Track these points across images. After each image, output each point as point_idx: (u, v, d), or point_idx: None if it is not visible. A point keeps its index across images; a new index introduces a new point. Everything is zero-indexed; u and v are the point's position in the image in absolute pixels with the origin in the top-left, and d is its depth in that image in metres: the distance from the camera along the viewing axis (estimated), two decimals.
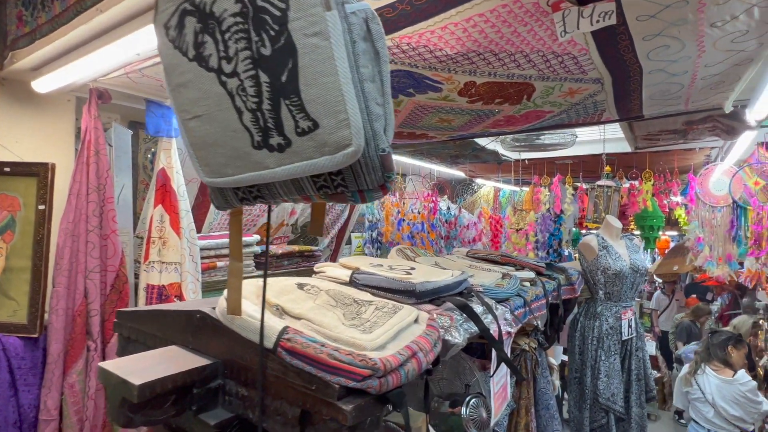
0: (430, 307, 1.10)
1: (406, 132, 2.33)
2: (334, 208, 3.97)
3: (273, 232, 3.49)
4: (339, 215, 4.06)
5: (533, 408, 2.36)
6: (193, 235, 2.35)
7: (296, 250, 3.14)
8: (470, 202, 5.95)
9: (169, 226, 2.29)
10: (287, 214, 3.47)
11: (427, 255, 1.82)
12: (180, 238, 2.28)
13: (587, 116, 2.09)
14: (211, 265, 2.52)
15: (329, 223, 4.00)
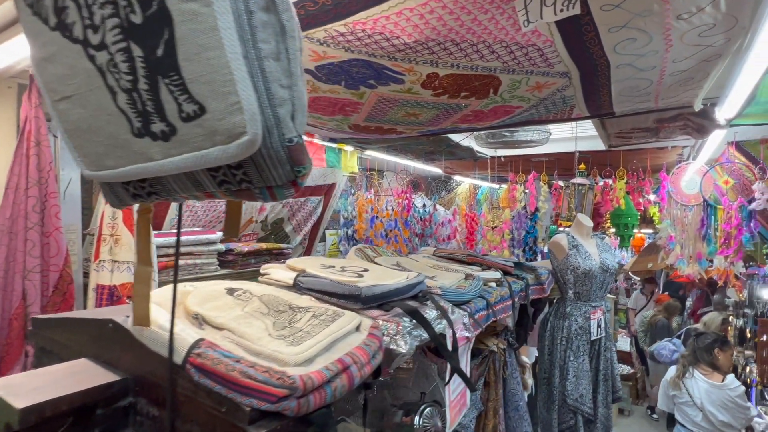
0: (377, 313, 1.02)
1: (373, 126, 2.24)
2: (306, 205, 3.87)
3: (241, 228, 3.37)
4: (312, 212, 3.96)
5: (502, 410, 2.32)
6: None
7: (264, 247, 3.03)
8: (448, 200, 5.91)
9: (122, 222, 2.17)
10: (256, 211, 3.35)
11: (390, 255, 1.74)
12: (134, 235, 2.16)
13: (557, 112, 2.04)
14: (169, 263, 2.40)
15: (302, 220, 3.90)
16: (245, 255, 2.94)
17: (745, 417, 2.79)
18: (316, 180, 3.78)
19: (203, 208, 2.92)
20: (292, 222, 3.82)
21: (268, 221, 3.57)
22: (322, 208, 4.00)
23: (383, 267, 1.34)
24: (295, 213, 3.80)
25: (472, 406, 2.18)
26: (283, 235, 3.80)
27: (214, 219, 3.06)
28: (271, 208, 3.49)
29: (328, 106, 1.93)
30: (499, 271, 1.85)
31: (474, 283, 1.51)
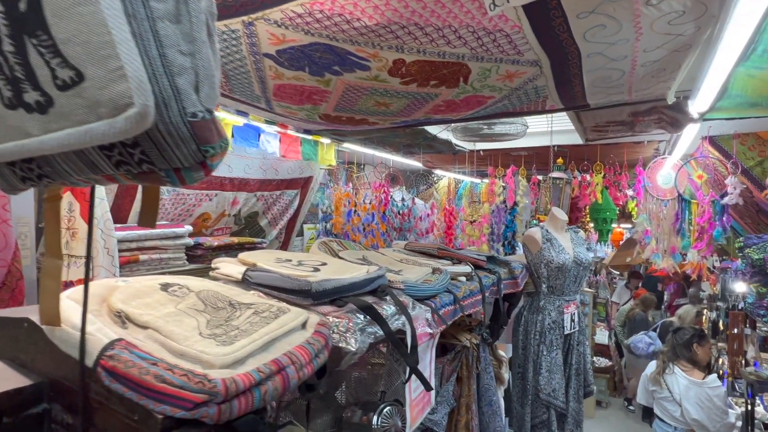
0: (329, 309, 0.96)
1: (344, 116, 2.18)
2: (282, 199, 3.78)
3: (213, 222, 3.28)
4: (288, 205, 3.87)
5: (475, 405, 2.29)
6: (109, 225, 2.13)
7: (236, 242, 2.94)
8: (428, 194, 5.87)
9: (79, 215, 2.06)
10: (228, 204, 3.26)
11: (357, 248, 1.69)
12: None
13: (531, 103, 2.00)
14: (133, 258, 2.31)
15: (277, 214, 3.81)
16: (215, 249, 2.85)
17: (721, 420, 2.77)
18: (292, 173, 3.69)
19: (171, 201, 2.82)
20: (267, 216, 3.74)
21: (241, 215, 3.48)
22: (298, 201, 3.92)
23: (344, 261, 1.29)
24: (270, 206, 3.72)
25: (444, 402, 2.15)
26: (258, 229, 3.71)
27: (183, 212, 2.96)
28: (245, 202, 3.40)
29: (295, 94, 1.86)
30: (469, 266, 1.81)
31: (441, 278, 1.47)
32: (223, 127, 0.52)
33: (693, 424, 2.76)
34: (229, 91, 1.97)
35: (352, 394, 1.33)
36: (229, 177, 3.14)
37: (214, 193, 3.09)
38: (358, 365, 1.60)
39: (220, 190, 3.11)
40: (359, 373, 1.62)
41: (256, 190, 3.43)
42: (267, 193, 3.57)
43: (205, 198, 3.04)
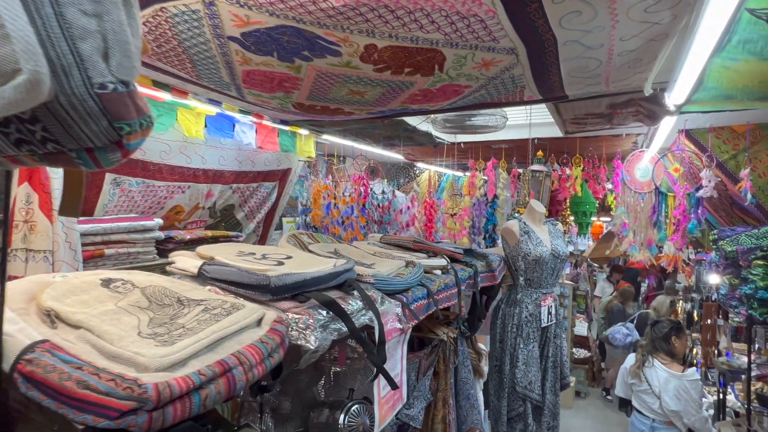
0: (289, 305, 0.91)
1: (318, 106, 2.11)
2: (259, 191, 3.70)
3: (187, 215, 3.18)
4: (265, 198, 3.79)
5: (452, 399, 2.27)
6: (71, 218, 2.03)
7: (209, 235, 2.85)
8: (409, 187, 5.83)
9: (38, 207, 1.96)
10: (202, 197, 3.16)
11: (330, 242, 1.63)
12: (52, 221, 1.96)
13: (508, 93, 1.96)
14: (98, 252, 2.21)
15: (255, 207, 3.73)
16: (188, 243, 2.76)
17: (696, 414, 2.81)
18: (269, 165, 3.61)
19: (140, 193, 2.71)
20: (244, 209, 3.65)
21: (216, 208, 3.38)
22: (276, 194, 3.84)
23: (311, 254, 1.23)
24: (247, 199, 3.63)
25: (421, 397, 2.12)
26: (235, 222, 3.62)
27: (153, 205, 2.86)
28: (220, 194, 3.31)
29: (266, 81, 1.79)
30: (445, 259, 1.77)
31: (414, 271, 1.42)
32: (146, 104, 0.46)
33: (671, 416, 2.80)
34: (196, 77, 1.88)
35: (329, 391, 1.28)
36: (202, 168, 3.04)
37: (187, 185, 2.99)
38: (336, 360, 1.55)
39: (194, 182, 3.01)
40: (339, 368, 1.58)
41: (232, 182, 3.34)
42: (243, 185, 3.48)
43: (177, 190, 2.94)
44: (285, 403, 1.25)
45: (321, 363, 1.42)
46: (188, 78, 1.92)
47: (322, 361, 1.42)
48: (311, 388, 1.39)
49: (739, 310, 2.98)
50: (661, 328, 3.04)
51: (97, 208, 2.56)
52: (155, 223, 2.49)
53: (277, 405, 1.21)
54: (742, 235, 3.25)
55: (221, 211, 3.45)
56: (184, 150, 2.84)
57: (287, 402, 1.24)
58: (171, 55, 1.62)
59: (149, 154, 2.63)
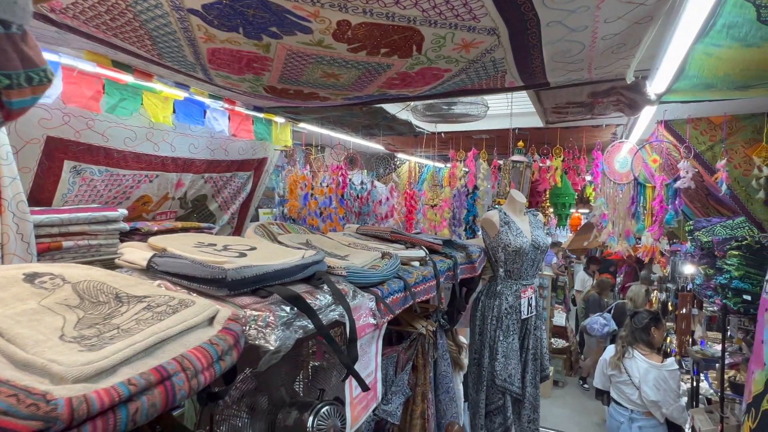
0: (249, 301, 0.82)
1: (292, 90, 2.00)
2: (234, 181, 3.56)
3: (155, 206, 3.03)
4: (240, 188, 3.65)
5: (432, 393, 2.22)
6: (23, 208, 1.87)
7: (179, 226, 2.71)
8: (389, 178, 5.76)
9: None
10: (172, 186, 3.01)
11: (302, 232, 1.54)
12: (1, 212, 1.81)
13: (489, 78, 1.90)
14: (54, 245, 2.06)
15: (229, 197, 3.59)
16: (155, 235, 2.62)
17: (674, 403, 2.84)
18: (243, 153, 3.47)
19: (104, 182, 2.56)
20: (218, 199, 3.51)
21: (187, 198, 3.24)
22: (252, 184, 3.71)
23: (278, 246, 1.14)
24: (220, 189, 3.49)
25: (399, 392, 2.06)
26: (207, 213, 3.48)
27: (119, 195, 2.71)
28: (191, 184, 3.16)
29: (233, 61, 1.67)
30: (423, 250, 1.70)
31: (390, 263, 1.35)
32: (39, 54, 0.36)
33: (650, 406, 2.83)
34: (158, 56, 1.75)
35: (307, 388, 1.20)
36: (171, 156, 2.89)
37: (155, 174, 2.84)
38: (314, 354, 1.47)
39: (162, 170, 2.86)
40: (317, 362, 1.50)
41: (204, 172, 3.19)
42: (216, 174, 3.34)
43: (144, 179, 2.79)
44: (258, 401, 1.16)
45: (299, 357, 1.34)
46: (150, 57, 1.79)
47: (300, 356, 1.34)
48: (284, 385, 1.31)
49: (714, 300, 3.02)
50: (641, 319, 3.06)
51: (55, 198, 2.41)
52: (119, 213, 2.34)
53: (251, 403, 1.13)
54: (717, 226, 3.29)
55: (193, 201, 3.30)
56: (151, 137, 2.69)
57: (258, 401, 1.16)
58: (127, 30, 1.49)
59: (112, 140, 2.48)
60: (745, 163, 2.99)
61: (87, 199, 2.56)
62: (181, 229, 2.77)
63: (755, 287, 2.70)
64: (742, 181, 3.02)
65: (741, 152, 3.00)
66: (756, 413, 2.15)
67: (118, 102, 2.33)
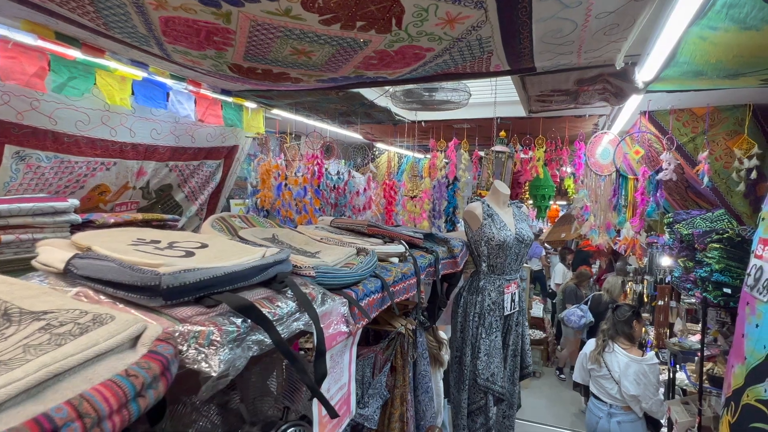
0: (191, 312, 0.67)
1: (260, 69, 1.83)
2: (202, 170, 3.34)
3: (114, 196, 2.80)
4: (209, 177, 3.44)
5: (410, 395, 2.11)
6: None
7: (139, 218, 2.49)
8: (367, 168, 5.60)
9: None
10: (132, 175, 2.79)
11: (268, 226, 1.39)
12: None
13: (474, 60, 1.76)
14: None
15: (196, 187, 3.38)
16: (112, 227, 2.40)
17: (653, 397, 2.83)
18: (212, 140, 3.26)
19: (53, 170, 2.33)
20: (184, 189, 3.29)
21: (150, 188, 3.01)
22: (221, 173, 3.50)
23: (235, 243, 0.99)
24: (187, 179, 3.27)
25: (377, 395, 1.94)
26: (173, 204, 3.26)
27: (71, 183, 2.48)
28: (154, 172, 2.94)
29: (191, 34, 1.49)
30: (403, 245, 1.57)
31: (366, 260, 1.21)
32: None
33: (629, 401, 2.80)
34: (104, 27, 1.55)
35: (281, 388, 1.06)
36: (131, 143, 2.66)
37: (112, 162, 2.61)
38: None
39: (120, 157, 2.64)
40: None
41: (168, 160, 2.98)
42: (182, 162, 3.12)
43: (99, 167, 2.56)
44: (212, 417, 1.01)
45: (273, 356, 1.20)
46: (95, 28, 1.59)
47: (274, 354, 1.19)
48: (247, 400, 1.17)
49: (694, 293, 3.00)
50: (624, 312, 3.03)
51: None
52: (69, 204, 2.12)
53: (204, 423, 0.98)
54: (697, 219, 3.27)
55: (156, 191, 3.08)
56: (107, 120, 2.46)
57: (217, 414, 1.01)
58: None
59: (62, 123, 2.25)
60: (726, 156, 2.96)
61: (34, 188, 2.33)
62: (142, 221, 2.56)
63: (735, 280, 2.68)
64: (722, 174, 2.99)
65: (722, 144, 2.97)
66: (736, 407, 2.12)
67: (67, 81, 2.10)
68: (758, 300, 2.09)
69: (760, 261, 2.13)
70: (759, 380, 1.97)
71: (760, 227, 2.20)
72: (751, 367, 2.05)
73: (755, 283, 2.16)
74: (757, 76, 1.97)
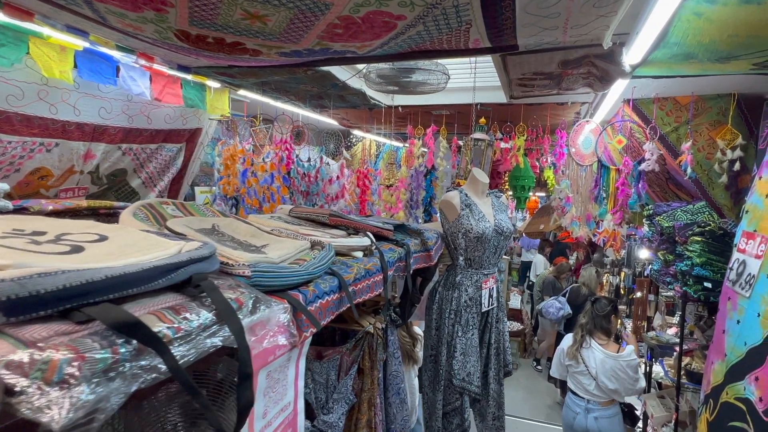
0: (47, 332, 0.49)
1: (210, 37, 1.61)
2: (160, 154, 3.09)
3: (58, 181, 2.54)
4: (169, 162, 3.19)
5: (379, 398, 1.96)
6: None
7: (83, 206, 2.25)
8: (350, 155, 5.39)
9: None
10: (78, 158, 2.53)
11: (209, 215, 1.20)
12: None
13: (451, 33, 1.59)
14: None
15: (155, 173, 3.12)
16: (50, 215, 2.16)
17: (633, 387, 2.81)
18: (171, 122, 3.00)
19: None
20: (141, 175, 3.04)
21: (101, 172, 2.76)
22: (183, 158, 3.25)
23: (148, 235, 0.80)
24: (143, 163, 3.02)
25: (342, 400, 1.78)
26: (129, 191, 3.01)
27: (4, 166, 2.22)
28: (104, 155, 2.68)
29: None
30: (368, 237, 1.40)
31: (320, 256, 1.04)
32: None
33: (611, 394, 2.78)
34: None
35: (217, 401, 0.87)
36: (75, 122, 2.40)
37: (54, 143, 2.35)
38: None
39: (63, 138, 2.38)
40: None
41: (120, 142, 2.72)
42: (137, 145, 2.87)
43: (38, 148, 2.30)
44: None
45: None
46: None
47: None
48: None
49: (674, 287, 2.94)
50: (603, 306, 2.96)
51: None
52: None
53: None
54: (678, 211, 3.20)
55: (108, 176, 2.82)
56: (44, 96, 2.20)
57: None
58: None
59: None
60: (708, 146, 2.88)
61: None
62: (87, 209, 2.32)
63: (716, 275, 2.62)
64: (705, 165, 2.92)
65: (705, 134, 2.89)
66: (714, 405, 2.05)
67: None
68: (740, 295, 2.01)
69: (743, 255, 2.05)
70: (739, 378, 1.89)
71: (744, 220, 2.12)
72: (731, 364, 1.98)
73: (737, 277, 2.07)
74: (750, 59, 1.86)
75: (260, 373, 0.74)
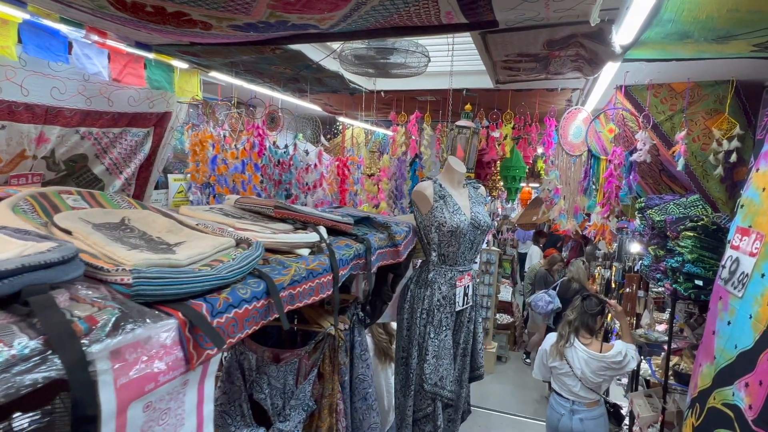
0: None
1: (149, 5, 1.43)
2: (125, 138, 2.91)
3: (7, 167, 2.36)
4: (136, 148, 3.01)
5: (343, 404, 1.82)
6: None
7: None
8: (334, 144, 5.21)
9: None
10: (30, 141, 2.35)
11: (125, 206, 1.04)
12: None
13: (418, 3, 1.42)
14: None
15: (120, 159, 2.95)
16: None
17: (621, 373, 2.75)
18: (136, 105, 2.82)
19: None
20: (104, 161, 2.85)
21: (57, 157, 2.58)
22: (151, 143, 3.07)
23: (9, 234, 0.64)
24: (106, 148, 2.83)
25: (299, 407, 1.65)
26: (91, 178, 2.83)
27: None
28: (60, 140, 2.50)
29: None
30: (317, 232, 1.25)
31: (242, 256, 0.88)
32: None
33: (594, 387, 2.70)
34: None
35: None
36: (24, 102, 2.22)
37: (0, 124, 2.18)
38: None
39: (10, 120, 2.20)
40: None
41: (78, 125, 2.54)
42: (98, 129, 2.68)
43: None
44: None
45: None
46: None
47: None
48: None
49: (663, 284, 2.80)
50: (593, 305, 2.84)
51: None
52: None
53: None
54: (671, 204, 3.05)
55: (66, 162, 2.65)
56: None
57: None
58: None
59: None
60: (704, 136, 2.73)
61: None
62: None
63: (708, 272, 2.48)
64: (699, 156, 2.77)
65: (701, 124, 2.73)
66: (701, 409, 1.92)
67: None
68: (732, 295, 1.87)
69: (737, 252, 1.91)
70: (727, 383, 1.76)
71: (738, 215, 1.98)
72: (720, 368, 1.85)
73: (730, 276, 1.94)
74: (751, 39, 1.70)
75: (132, 407, 0.59)
